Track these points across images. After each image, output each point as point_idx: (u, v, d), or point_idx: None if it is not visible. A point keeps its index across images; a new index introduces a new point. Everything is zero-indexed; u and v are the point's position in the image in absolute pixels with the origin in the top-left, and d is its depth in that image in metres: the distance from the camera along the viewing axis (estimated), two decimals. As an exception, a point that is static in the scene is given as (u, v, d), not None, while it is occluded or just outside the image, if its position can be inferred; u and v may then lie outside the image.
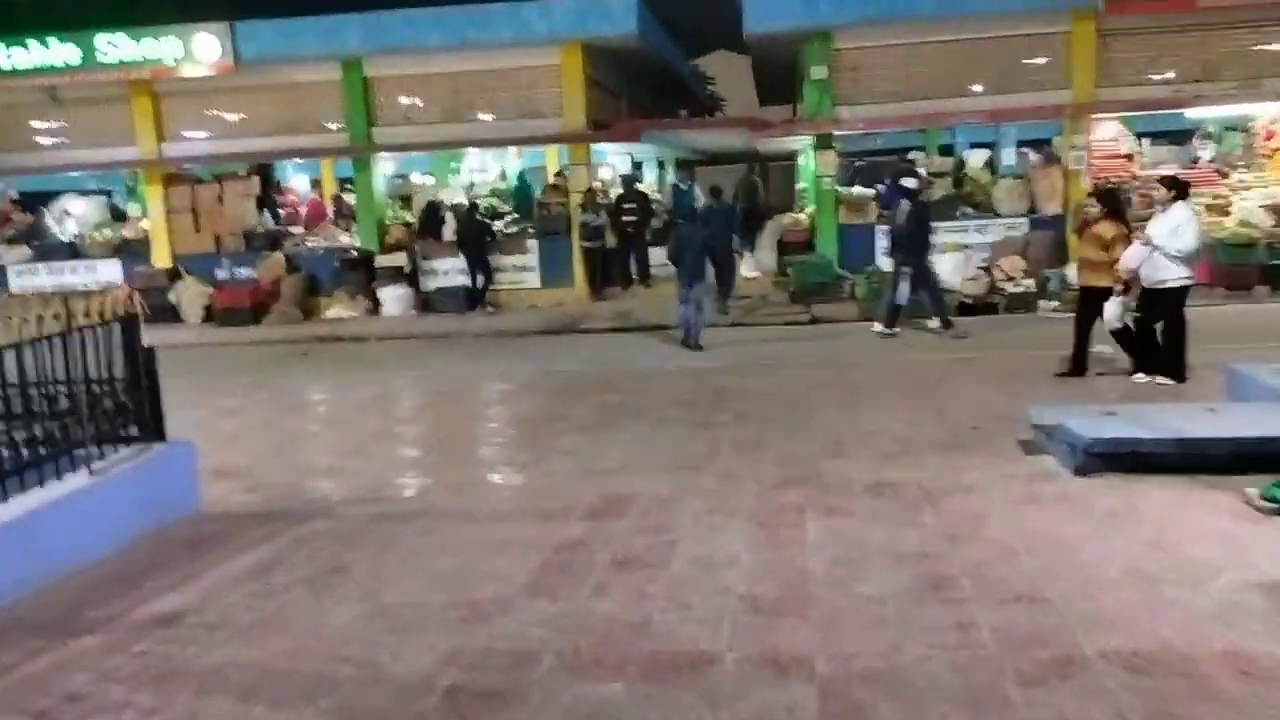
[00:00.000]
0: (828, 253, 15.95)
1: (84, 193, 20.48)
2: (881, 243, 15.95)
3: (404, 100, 16.89)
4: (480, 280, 16.45)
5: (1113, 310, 9.12)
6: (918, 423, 8.05)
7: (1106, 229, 9.24)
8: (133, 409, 6.32)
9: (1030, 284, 14.67)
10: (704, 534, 5.61)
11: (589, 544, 5.51)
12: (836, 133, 16.02)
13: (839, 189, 16.37)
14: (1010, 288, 14.68)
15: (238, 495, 7.04)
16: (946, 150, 23.60)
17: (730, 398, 9.44)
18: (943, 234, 15.86)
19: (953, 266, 15.42)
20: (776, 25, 15.45)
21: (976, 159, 20.65)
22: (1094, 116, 15.58)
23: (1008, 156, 20.37)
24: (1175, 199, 8.93)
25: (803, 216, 17.93)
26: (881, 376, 10.14)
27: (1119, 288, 9.08)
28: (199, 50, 16.04)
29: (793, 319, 14.70)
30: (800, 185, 23.11)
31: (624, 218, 16.75)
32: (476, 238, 16.39)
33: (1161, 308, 8.96)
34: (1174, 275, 8.82)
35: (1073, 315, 13.79)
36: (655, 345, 13.44)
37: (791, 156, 29.60)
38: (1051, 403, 7.77)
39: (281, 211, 19.89)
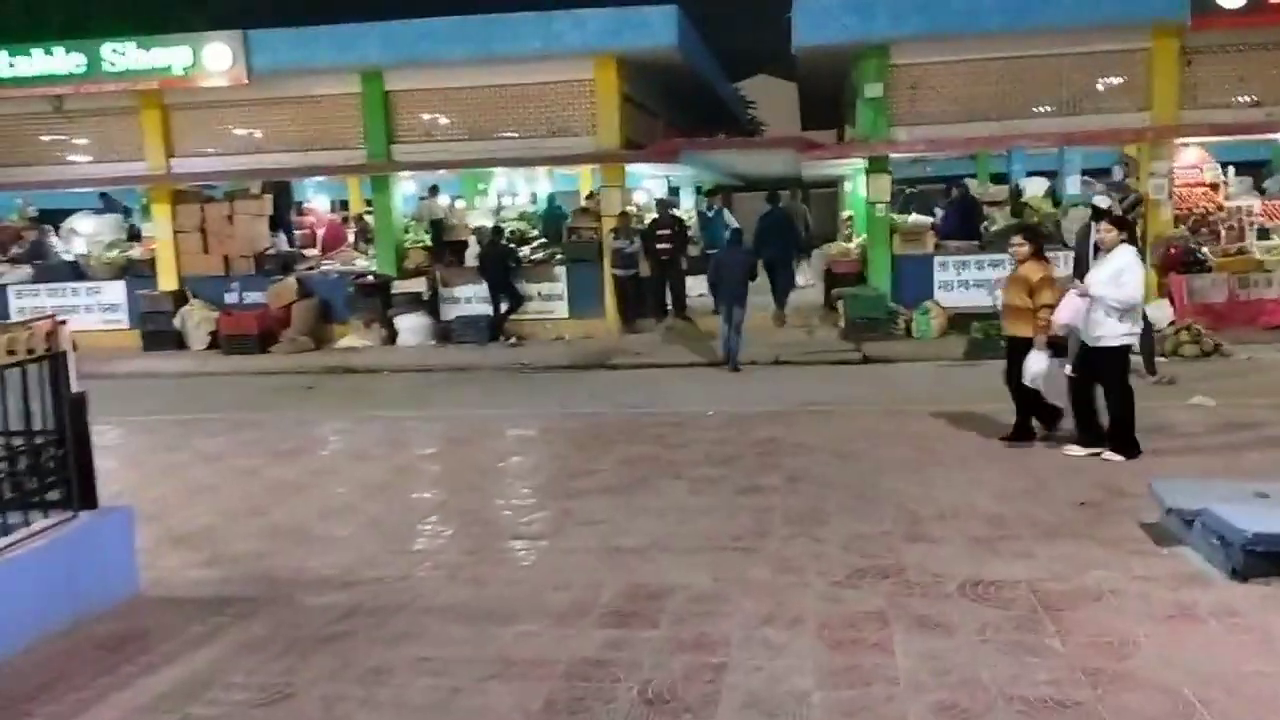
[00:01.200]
0: (880, 285, 14.64)
1: (100, 211, 19.60)
2: (940, 274, 14.68)
3: (426, 116, 15.83)
4: (504, 308, 15.30)
5: (1034, 366, 7.71)
6: (1008, 494, 6.71)
7: (1033, 270, 7.81)
8: (54, 469, 5.13)
9: (1107, 324, 13.24)
10: (760, 654, 4.32)
11: (610, 667, 4.23)
12: (892, 155, 14.76)
13: (893, 216, 15.06)
14: (1084, 327, 13.25)
15: (190, 571, 5.84)
16: (1000, 179, 22.33)
17: (779, 453, 8.15)
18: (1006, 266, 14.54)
19: (1018, 303, 14.05)
20: (828, 38, 14.24)
21: (1034, 187, 19.36)
22: (1177, 141, 14.21)
23: (1071, 185, 18.99)
24: (1122, 240, 7.48)
25: (852, 246, 16.64)
26: (951, 429, 8.80)
27: (1040, 339, 7.69)
28: (210, 60, 15.06)
29: (842, 357, 13.40)
30: (846, 213, 21.87)
31: (659, 245, 15.54)
32: (500, 263, 15.25)
33: (1101, 371, 7.54)
34: (1113, 332, 7.39)
35: (1158, 359, 12.58)
36: (691, 384, 12.19)
37: (834, 184, 28.42)
38: (1179, 477, 6.42)
39: (299, 233, 18.92)
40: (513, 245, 15.97)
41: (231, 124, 16.28)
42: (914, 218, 15.45)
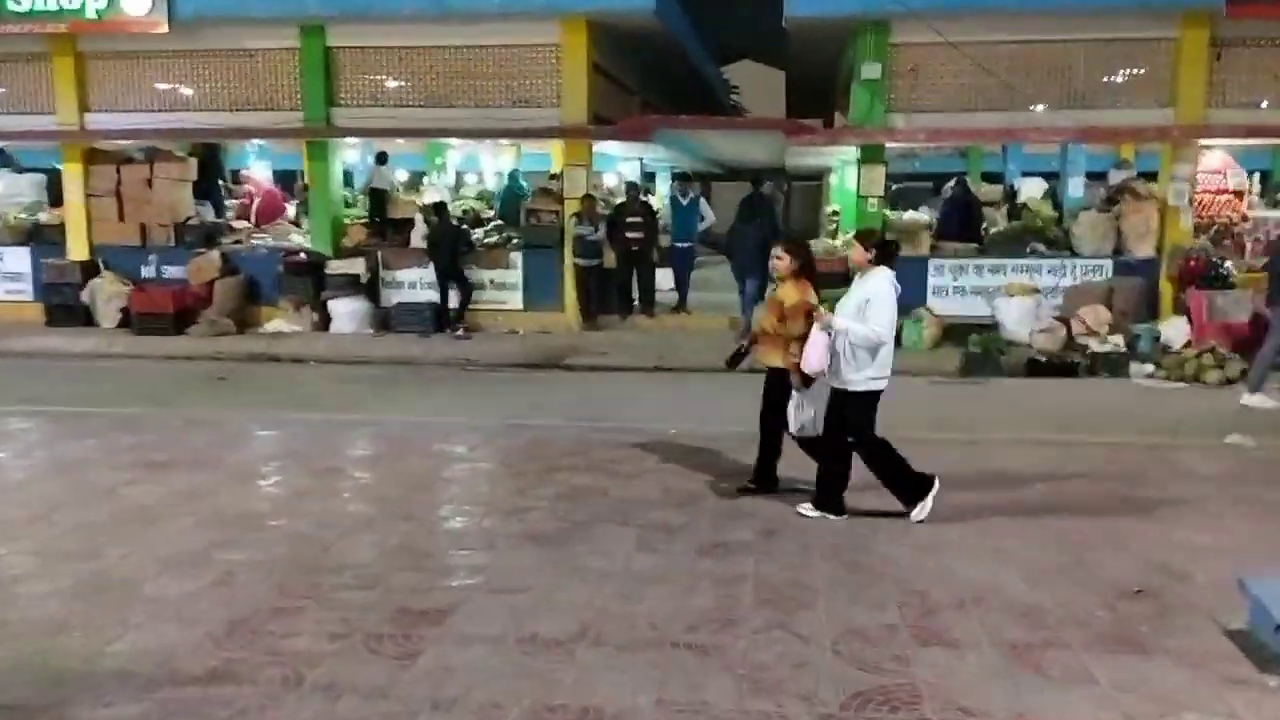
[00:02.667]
0: (869, 288, 13.17)
1: (21, 169, 17.78)
2: (935, 279, 13.27)
3: (372, 77, 14.19)
4: (455, 298, 13.75)
5: (795, 415, 6.40)
6: (1042, 572, 5.28)
7: (789, 292, 6.42)
8: None
9: (1118, 341, 11.91)
10: None
11: None
12: (889, 145, 13.30)
13: (886, 213, 13.63)
14: (1094, 344, 11.91)
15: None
16: (992, 178, 20.97)
17: (747, 495, 6.69)
18: (1010, 273, 13.19)
19: (1020, 314, 12.72)
20: (824, 9, 12.76)
21: (1032, 188, 18.02)
22: (1202, 143, 12.87)
23: (1074, 187, 17.65)
24: (875, 262, 6.09)
25: (837, 243, 15.19)
26: (957, 466, 7.37)
27: (796, 380, 6.32)
28: (127, 2, 13.35)
29: (825, 368, 11.94)
30: (831, 208, 20.44)
31: (627, 233, 14.04)
32: (449, 246, 13.67)
33: (847, 419, 6.19)
34: (859, 375, 6.05)
35: (1177, 385, 11.28)
36: (654, 392, 10.71)
37: (818, 177, 26.93)
38: (1269, 566, 5.02)
39: (233, 203, 17.22)
40: (465, 227, 14.38)
41: (154, 78, 14.54)
42: (909, 215, 14.03)
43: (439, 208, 14.06)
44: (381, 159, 15.44)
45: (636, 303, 14.48)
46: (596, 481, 7.01)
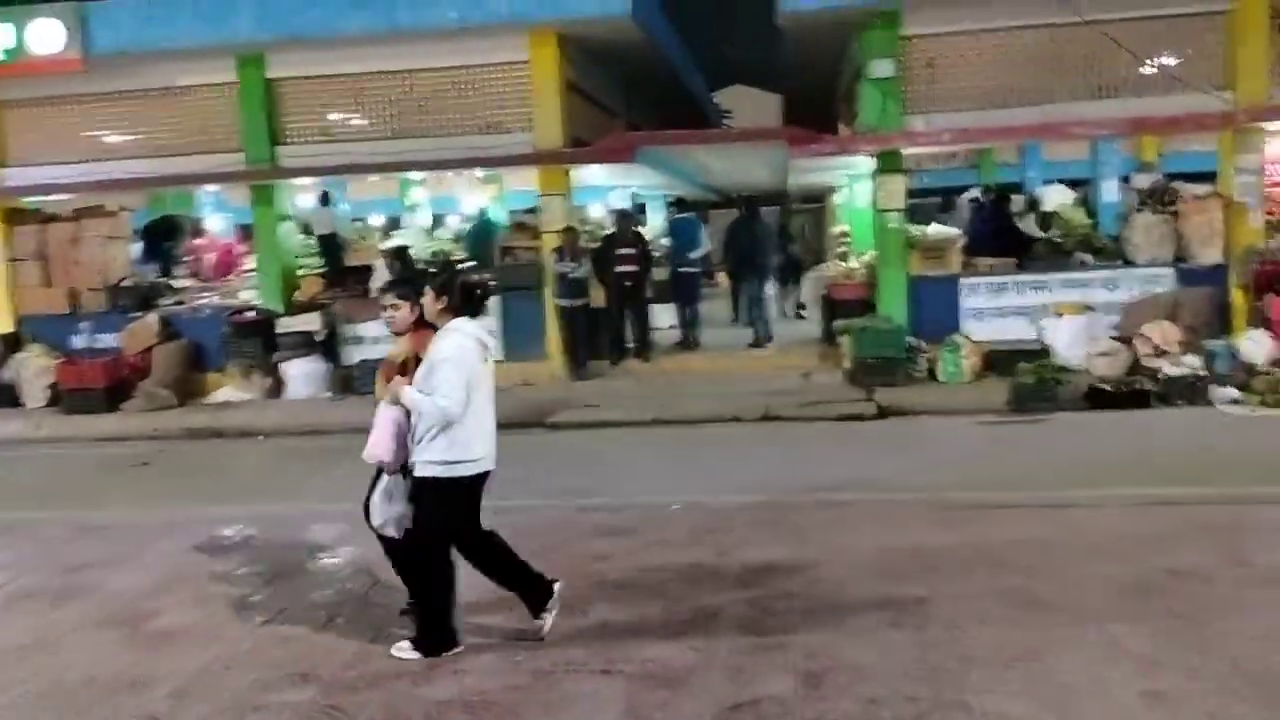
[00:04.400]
0: (895, 315, 11.50)
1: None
2: (970, 300, 11.56)
3: (320, 110, 12.62)
4: (420, 351, 12.06)
5: (380, 503, 4.79)
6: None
7: (405, 345, 4.81)
8: None
9: (1193, 362, 10.17)
10: None
11: None
12: (907, 150, 11.64)
13: (910, 228, 11.94)
14: (1165, 367, 10.18)
15: None
16: (1009, 189, 19.35)
17: (783, 604, 4.96)
18: (1055, 290, 11.49)
19: (1071, 336, 11.02)
20: (825, 1, 11.16)
21: (1057, 196, 16.32)
22: (1269, 128, 11.19)
23: (1109, 191, 16.01)
24: (453, 312, 4.57)
25: (855, 265, 13.52)
26: (1058, 547, 5.62)
27: (384, 461, 4.69)
28: (37, 40, 11.81)
29: (851, 410, 10.23)
30: (839, 228, 18.76)
31: (619, 267, 12.42)
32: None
33: (421, 511, 4.64)
34: (425, 458, 4.52)
35: (1272, 411, 9.54)
36: (653, 453, 9.00)
37: (820, 198, 25.32)
38: None
39: (188, 259, 15.62)
40: (432, 271, 12.73)
41: (77, 125, 12.97)
42: (935, 229, 12.33)
43: (400, 252, 12.46)
44: (325, 200, 13.86)
45: (631, 345, 12.81)
46: (573, 594, 5.25)
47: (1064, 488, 6.90)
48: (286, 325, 12.35)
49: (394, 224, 20.39)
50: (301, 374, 12.22)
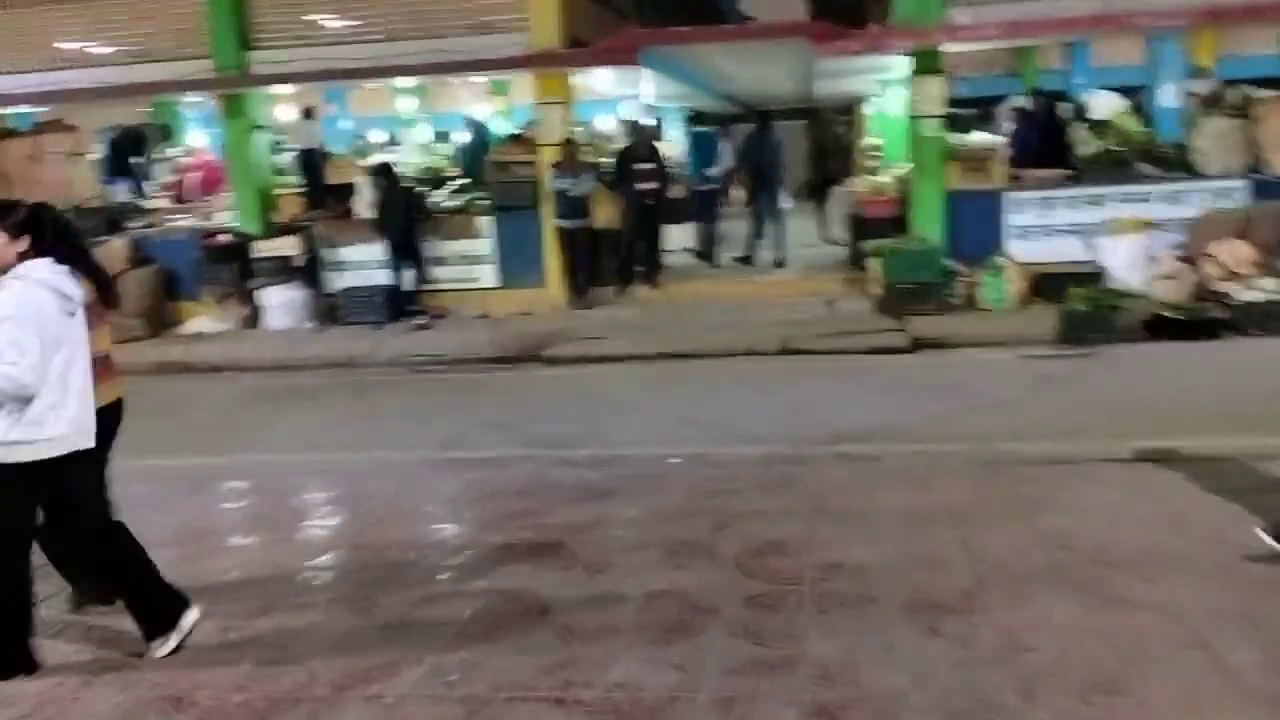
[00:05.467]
0: (931, 235, 10.32)
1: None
2: (1015, 217, 10.36)
3: (295, 11, 11.41)
4: (410, 278, 11.09)
5: None
6: None
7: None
8: None
9: (1272, 285, 8.98)
10: None
11: None
12: (947, 48, 10.31)
13: (949, 137, 10.67)
14: (1237, 291, 8.99)
15: None
16: (1056, 97, 17.82)
17: (799, 590, 3.97)
18: (1112, 205, 10.24)
19: (1129, 257, 9.83)
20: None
21: (1107, 104, 14.83)
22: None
23: (1167, 96, 14.54)
24: (30, 255, 3.51)
25: (886, 180, 12.27)
26: (1135, 514, 4.59)
27: None
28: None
29: (881, 343, 9.16)
30: (870, 140, 17.38)
31: (637, 184, 11.29)
32: (402, 215, 10.97)
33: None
34: None
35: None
36: (656, 393, 7.99)
37: (849, 110, 23.75)
38: None
39: (172, 180, 14.57)
40: (419, 190, 11.64)
41: (28, 31, 11.86)
42: (977, 137, 11.04)
43: (384, 169, 11.33)
44: (309, 114, 12.72)
45: (639, 270, 11.72)
46: (537, 581, 4.28)
47: (1129, 437, 5.82)
48: (263, 249, 11.35)
49: (394, 140, 19.20)
50: (280, 303, 11.25)
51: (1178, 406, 6.58)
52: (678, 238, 12.89)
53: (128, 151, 13.69)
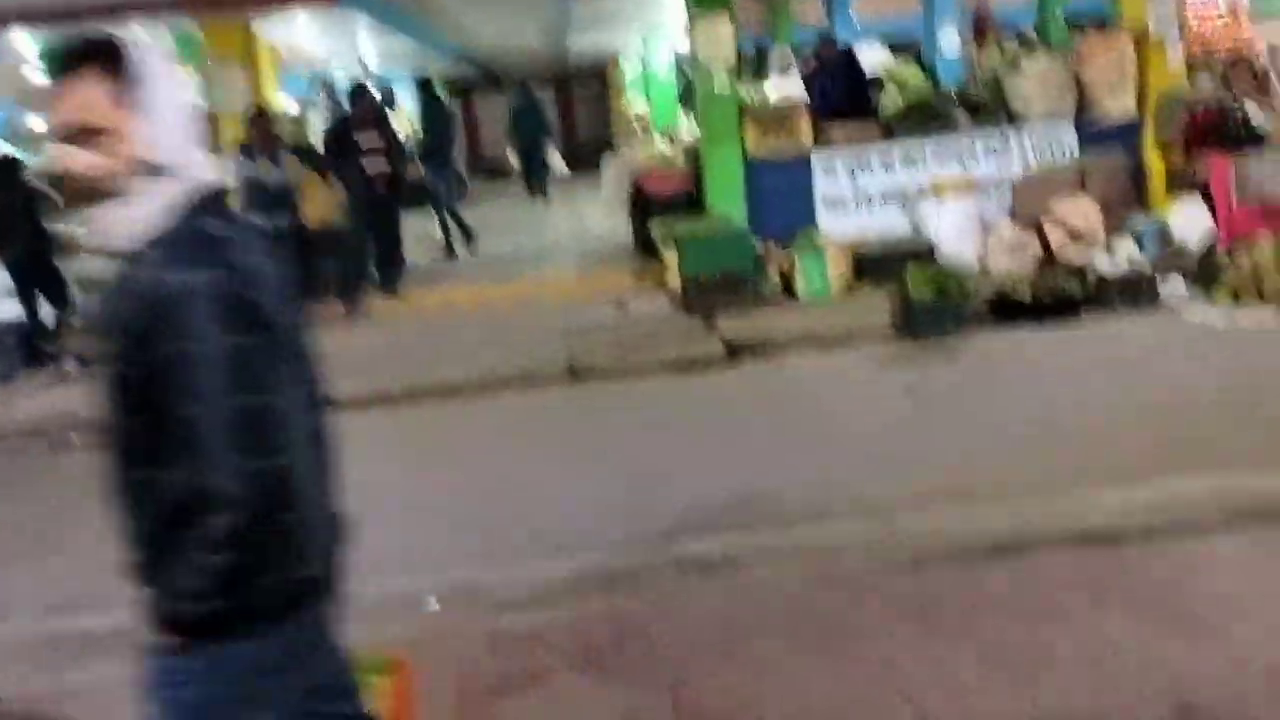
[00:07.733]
0: (730, 214, 8.42)
1: None
2: (826, 185, 8.63)
3: None
4: (45, 311, 8.11)
5: None
6: None
7: None
8: None
9: (1132, 251, 7.67)
10: None
11: None
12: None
13: (742, 92, 8.77)
14: (1096, 260, 7.63)
15: None
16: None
17: None
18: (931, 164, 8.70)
19: (958, 225, 8.33)
20: None
21: (876, 57, 13.57)
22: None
23: (948, 43, 13.51)
24: None
25: (666, 150, 10.29)
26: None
27: None
28: None
29: (690, 354, 7.14)
30: (633, 108, 15.42)
31: (363, 159, 8.81)
32: (25, 226, 7.95)
33: None
34: None
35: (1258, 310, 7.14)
36: (397, 461, 5.55)
37: (600, 74, 21.72)
38: None
39: None
40: (43, 188, 8.58)
41: None
42: (776, 87, 9.22)
43: (4, 164, 8.24)
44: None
45: (371, 277, 9.23)
46: None
47: (1072, 485, 4.06)
48: None
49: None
50: None
51: (1120, 423, 4.92)
52: (419, 231, 10.46)
53: None
